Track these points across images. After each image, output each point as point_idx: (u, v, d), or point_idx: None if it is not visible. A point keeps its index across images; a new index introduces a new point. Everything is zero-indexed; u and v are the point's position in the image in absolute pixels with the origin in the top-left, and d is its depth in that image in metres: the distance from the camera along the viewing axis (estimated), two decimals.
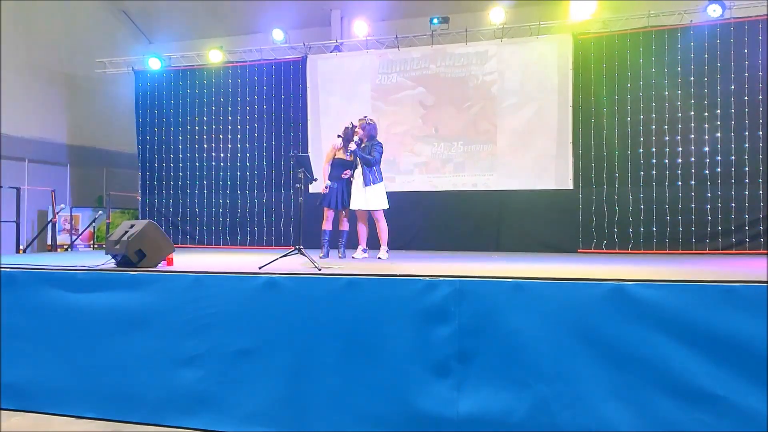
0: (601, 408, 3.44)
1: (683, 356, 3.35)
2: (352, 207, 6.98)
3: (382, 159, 7.08)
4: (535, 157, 9.06)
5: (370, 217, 7.11)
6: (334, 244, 7.22)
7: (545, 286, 3.68)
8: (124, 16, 12.51)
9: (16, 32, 10.89)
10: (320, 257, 6.88)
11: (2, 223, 9.27)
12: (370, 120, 7.01)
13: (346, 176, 6.98)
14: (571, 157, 8.89)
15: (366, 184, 6.84)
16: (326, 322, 3.98)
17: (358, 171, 6.88)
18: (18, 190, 8.59)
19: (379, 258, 6.84)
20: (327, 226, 7.11)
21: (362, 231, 7.15)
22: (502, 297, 3.74)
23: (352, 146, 6.90)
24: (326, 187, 6.99)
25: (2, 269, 4.70)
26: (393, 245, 7.52)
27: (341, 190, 7.01)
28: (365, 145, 6.90)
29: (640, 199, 8.59)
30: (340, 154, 7.06)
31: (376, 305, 3.92)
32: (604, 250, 8.64)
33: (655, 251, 8.42)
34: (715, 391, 3.29)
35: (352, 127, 7.03)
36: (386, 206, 6.94)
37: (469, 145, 9.37)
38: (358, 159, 6.89)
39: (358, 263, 6.07)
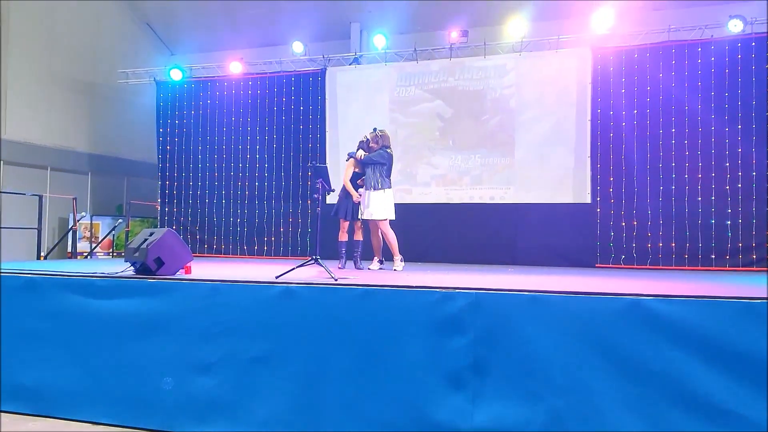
0: (617, 422, 3.42)
1: (701, 372, 3.32)
2: (360, 217, 7.03)
3: (399, 170, 7.20)
4: (553, 171, 9.05)
5: None
6: (351, 255, 7.25)
7: (562, 300, 3.68)
8: (147, 28, 12.70)
9: (40, 42, 11.09)
10: (338, 268, 6.90)
11: (24, 230, 9.39)
12: (381, 131, 7.05)
13: (360, 184, 7.06)
14: (589, 171, 8.85)
15: (367, 188, 6.84)
16: (341, 332, 4.00)
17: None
18: (40, 197, 8.69)
19: (394, 269, 6.87)
20: (342, 237, 7.16)
21: (376, 242, 7.19)
22: (519, 310, 3.74)
23: (360, 153, 6.98)
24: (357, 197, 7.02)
25: (24, 275, 4.78)
26: (408, 257, 7.49)
27: (353, 201, 7.07)
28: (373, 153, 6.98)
29: (659, 214, 8.52)
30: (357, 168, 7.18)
31: (391, 316, 3.94)
32: (623, 265, 8.57)
33: (674, 267, 8.34)
34: (732, 407, 3.26)
35: (366, 141, 7.08)
36: (390, 216, 6.89)
37: (486, 158, 9.37)
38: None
39: (374, 274, 6.09)
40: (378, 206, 6.83)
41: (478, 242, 9.28)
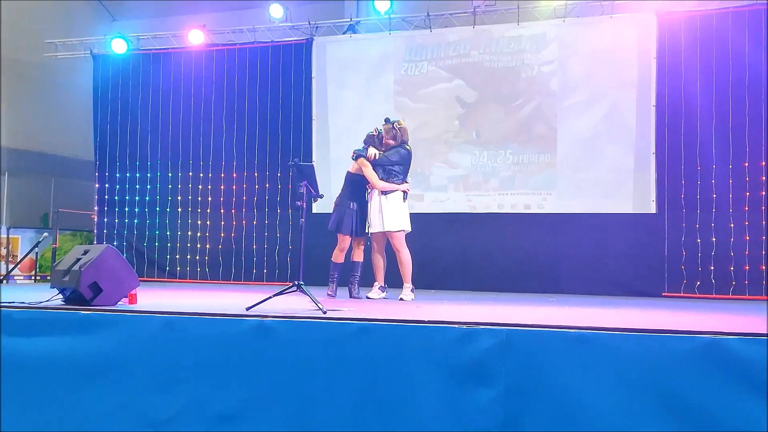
0: None
1: None
2: (369, 230, 7.09)
3: (409, 171, 7.19)
4: (606, 172, 9.03)
5: (388, 244, 7.15)
6: (345, 281, 7.25)
7: (619, 340, 3.68)
8: None
9: None
10: (328, 295, 6.88)
11: None
12: (398, 124, 7.14)
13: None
14: (654, 172, 8.86)
15: (383, 191, 6.95)
16: (331, 381, 3.99)
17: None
18: None
19: (401, 299, 6.83)
20: (338, 257, 7.17)
21: (379, 263, 7.17)
22: (562, 352, 3.74)
23: (373, 152, 7.02)
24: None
25: None
26: (420, 283, 7.52)
27: (359, 212, 7.13)
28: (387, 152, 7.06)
29: (744, 228, 8.49)
30: (359, 168, 7.18)
31: (396, 360, 3.93)
32: (697, 294, 8.55)
33: (764, 297, 8.23)
34: None
35: (377, 136, 7.15)
36: (407, 227, 7.01)
37: (520, 155, 9.36)
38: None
39: (375, 305, 6.03)
40: (392, 214, 6.90)
41: (508, 264, 9.27)
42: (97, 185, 11.04)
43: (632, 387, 3.58)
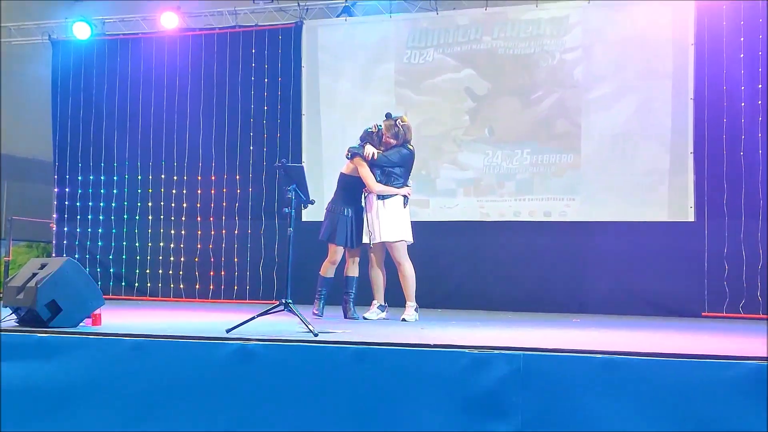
0: None
1: None
2: (367, 239, 7.14)
3: (410, 174, 7.24)
4: (638, 174, 9.01)
5: (388, 257, 7.13)
6: (338, 299, 7.24)
7: (653, 366, 3.69)
8: None
9: None
10: (313, 314, 6.90)
11: None
12: (401, 120, 7.16)
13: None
14: (692, 174, 8.85)
15: (380, 196, 6.98)
16: (324, 413, 3.97)
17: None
18: None
19: (404, 319, 6.82)
20: (328, 270, 7.20)
21: (378, 279, 7.17)
22: (587, 380, 3.74)
23: (370, 151, 7.02)
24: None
25: None
26: (424, 301, 7.49)
27: (355, 220, 7.17)
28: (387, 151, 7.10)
29: None
30: (354, 169, 7.21)
31: (397, 390, 3.93)
32: (742, 314, 8.48)
33: None
34: None
35: (376, 133, 7.18)
36: (408, 238, 7.03)
37: (539, 155, 9.34)
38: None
39: (373, 326, 6.04)
40: (390, 223, 6.92)
41: (526, 280, 9.26)
42: (56, 189, 10.99)
43: (668, 420, 3.58)
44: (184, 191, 10.56)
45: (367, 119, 7.94)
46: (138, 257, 10.65)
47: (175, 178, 10.60)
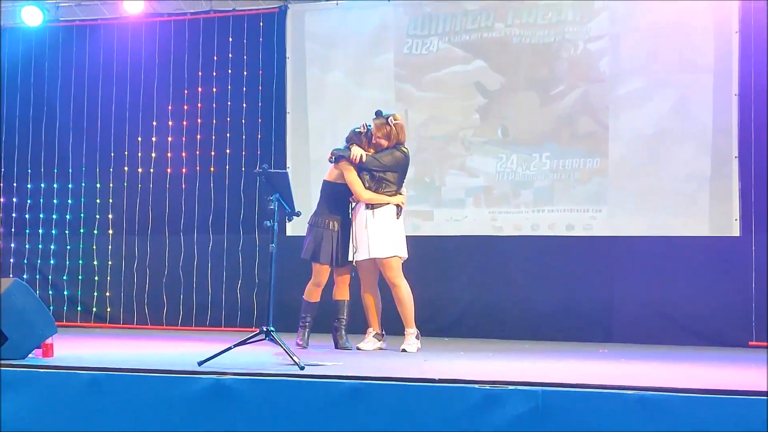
0: None
1: None
2: (351, 257, 7.14)
3: (412, 179, 7.57)
4: (674, 181, 8.96)
5: (382, 277, 7.15)
6: (327, 327, 7.29)
7: (691, 404, 3.71)
8: None
9: None
10: (297, 345, 6.95)
11: None
12: (393, 119, 7.22)
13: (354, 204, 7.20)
14: (738, 182, 8.81)
15: (369, 206, 7.01)
16: None
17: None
18: None
19: (404, 350, 6.86)
20: (312, 294, 7.23)
21: (370, 302, 7.20)
22: (617, 419, 3.74)
23: (357, 153, 7.04)
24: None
25: None
26: (427, 328, 7.57)
27: (342, 234, 7.19)
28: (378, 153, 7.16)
29: None
30: (339, 174, 7.27)
31: (399, 430, 3.88)
32: None
33: None
34: None
35: (365, 133, 7.27)
36: (402, 253, 7.08)
37: (560, 159, 9.30)
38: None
39: (368, 358, 6.12)
40: (381, 236, 6.94)
41: (545, 304, 9.23)
42: (1, 200, 10.95)
43: None
44: (150, 201, 10.51)
45: (361, 118, 7.85)
46: (96, 278, 10.60)
47: (139, 186, 10.55)
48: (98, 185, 10.70)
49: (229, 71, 10.33)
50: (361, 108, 9.29)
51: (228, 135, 10.31)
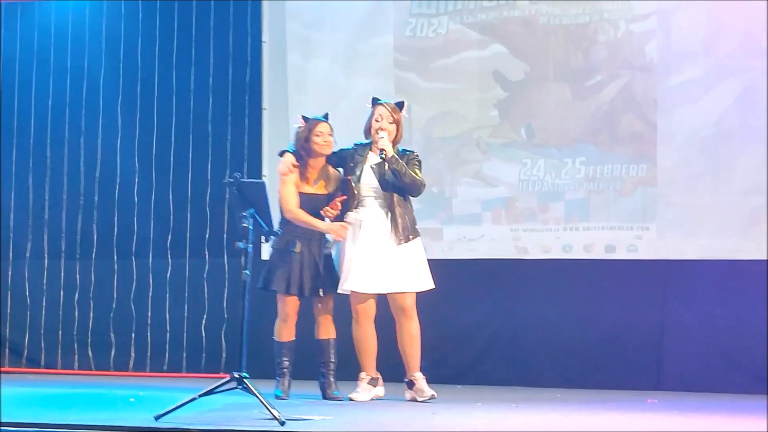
0: None
1: None
2: (343, 288, 6.93)
3: None
4: (738, 194, 8.54)
5: (381, 308, 7.00)
6: (313, 372, 7.24)
7: None
8: None
9: None
10: (276, 397, 6.74)
11: None
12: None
13: (331, 215, 7.02)
14: None
15: (402, 235, 6.86)
16: None
17: (368, 212, 6.96)
18: None
19: (416, 399, 6.69)
20: (282, 332, 7.06)
21: (370, 342, 7.00)
22: None
23: (384, 144, 6.87)
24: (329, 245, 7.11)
25: None
26: (437, 374, 7.42)
27: (308, 254, 7.03)
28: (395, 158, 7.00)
29: None
30: (307, 184, 7.17)
31: None
32: None
33: None
34: None
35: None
36: (428, 285, 7.00)
37: (598, 165, 8.91)
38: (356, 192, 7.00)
39: (363, 410, 6.08)
40: (417, 266, 6.97)
41: (580, 344, 8.89)
42: None
43: None
44: (95, 217, 10.08)
45: (352, 114, 7.85)
46: (28, 313, 10.15)
47: (81, 201, 10.09)
48: (31, 199, 10.22)
49: (193, 59, 10.03)
50: (352, 102, 9.00)
51: (190, 138, 9.98)
